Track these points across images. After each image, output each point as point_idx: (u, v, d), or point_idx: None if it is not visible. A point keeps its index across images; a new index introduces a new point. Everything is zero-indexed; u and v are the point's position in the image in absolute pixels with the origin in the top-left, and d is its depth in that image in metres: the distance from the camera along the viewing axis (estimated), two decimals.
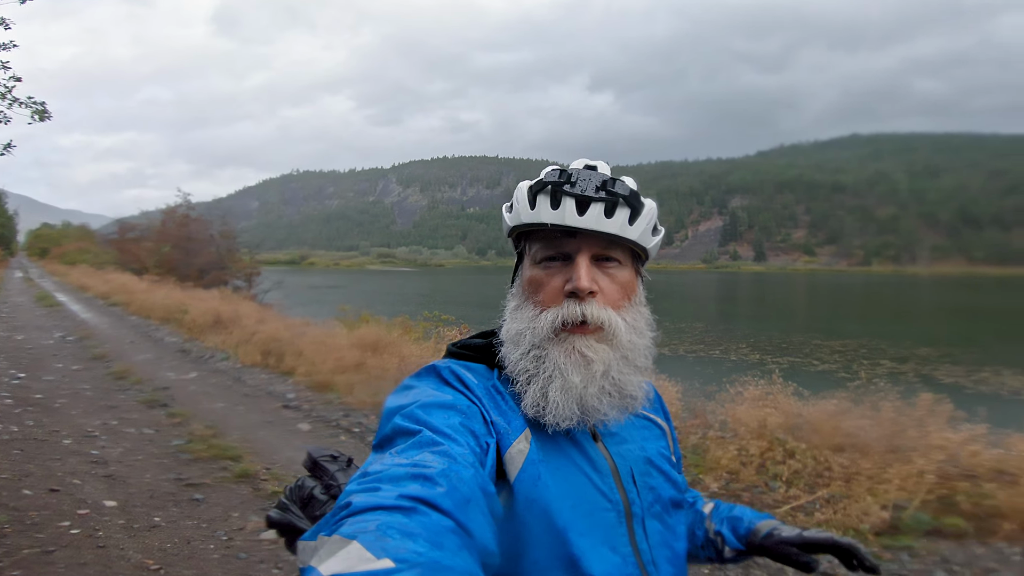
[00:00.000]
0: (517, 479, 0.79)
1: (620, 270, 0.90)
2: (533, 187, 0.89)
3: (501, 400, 0.86)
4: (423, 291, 49.15)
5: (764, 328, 23.85)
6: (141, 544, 3.02)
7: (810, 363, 14.66)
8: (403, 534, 0.56)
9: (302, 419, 5.67)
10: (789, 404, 4.53)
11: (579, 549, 0.80)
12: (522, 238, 0.95)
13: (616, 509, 0.86)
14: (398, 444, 0.72)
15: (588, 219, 0.85)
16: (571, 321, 0.84)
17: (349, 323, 10.67)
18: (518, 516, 0.79)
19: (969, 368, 13.51)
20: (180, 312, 12.39)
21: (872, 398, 4.44)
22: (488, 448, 0.77)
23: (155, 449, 4.56)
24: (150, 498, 3.62)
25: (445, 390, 0.83)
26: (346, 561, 0.52)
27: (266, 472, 4.13)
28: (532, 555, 0.79)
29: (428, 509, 0.60)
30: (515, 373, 0.87)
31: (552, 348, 0.85)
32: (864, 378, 4.90)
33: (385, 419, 0.79)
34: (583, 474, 0.85)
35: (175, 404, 5.96)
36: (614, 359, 0.86)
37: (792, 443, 4.13)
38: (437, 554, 0.55)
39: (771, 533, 1.01)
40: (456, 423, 0.76)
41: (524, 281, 0.92)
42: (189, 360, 8.66)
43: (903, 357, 15.36)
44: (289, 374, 7.49)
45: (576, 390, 0.83)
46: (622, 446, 0.92)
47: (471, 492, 0.66)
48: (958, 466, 3.83)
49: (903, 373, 12.54)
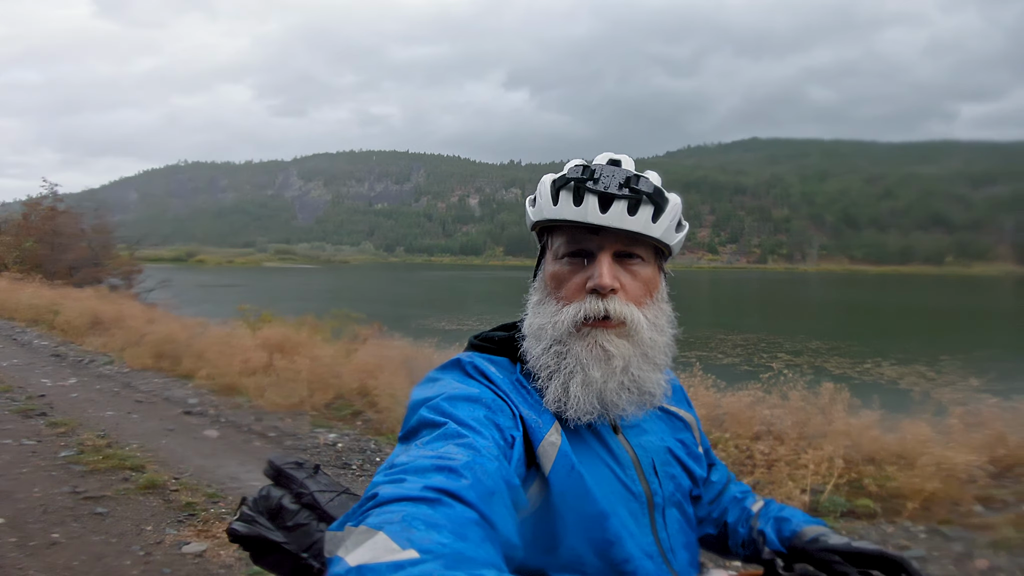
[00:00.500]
0: (552, 471, 0.82)
1: (643, 267, 0.92)
2: (556, 182, 0.91)
3: (527, 394, 0.88)
4: (328, 288, 47.53)
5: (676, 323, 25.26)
6: (43, 563, 2.84)
7: (715, 357, 15.74)
8: (428, 525, 0.58)
9: (208, 425, 5.42)
10: (709, 396, 4.86)
11: (613, 535, 0.84)
12: (544, 233, 0.97)
13: (639, 500, 0.90)
14: (423, 436, 0.75)
15: (611, 217, 0.87)
16: (593, 316, 0.87)
17: (251, 323, 10.21)
18: (553, 507, 0.82)
19: (854, 360, 15.01)
20: (51, 313, 11.33)
21: (782, 388, 4.85)
22: (514, 441, 0.80)
23: (41, 461, 4.22)
24: (44, 513, 3.38)
25: (470, 383, 0.85)
26: (372, 551, 0.55)
27: (175, 482, 3.95)
28: (568, 543, 0.83)
29: (453, 501, 0.62)
30: (537, 368, 0.89)
31: (573, 343, 0.88)
32: (776, 369, 5.31)
33: (411, 411, 0.81)
34: (606, 467, 0.89)
35: (55, 413, 5.50)
36: (634, 355, 0.88)
37: (716, 433, 4.41)
38: (461, 545, 0.57)
39: (817, 538, 0.98)
40: (481, 416, 0.79)
41: (546, 276, 0.94)
42: (66, 365, 7.94)
43: (797, 350, 16.83)
44: (188, 378, 7.09)
45: (596, 385, 0.86)
46: (642, 437, 0.96)
47: (495, 485, 0.68)
48: (860, 451, 4.17)
49: (798, 365, 13.82)
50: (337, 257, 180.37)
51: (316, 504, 1.19)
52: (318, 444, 4.94)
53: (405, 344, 8.24)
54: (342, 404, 6.13)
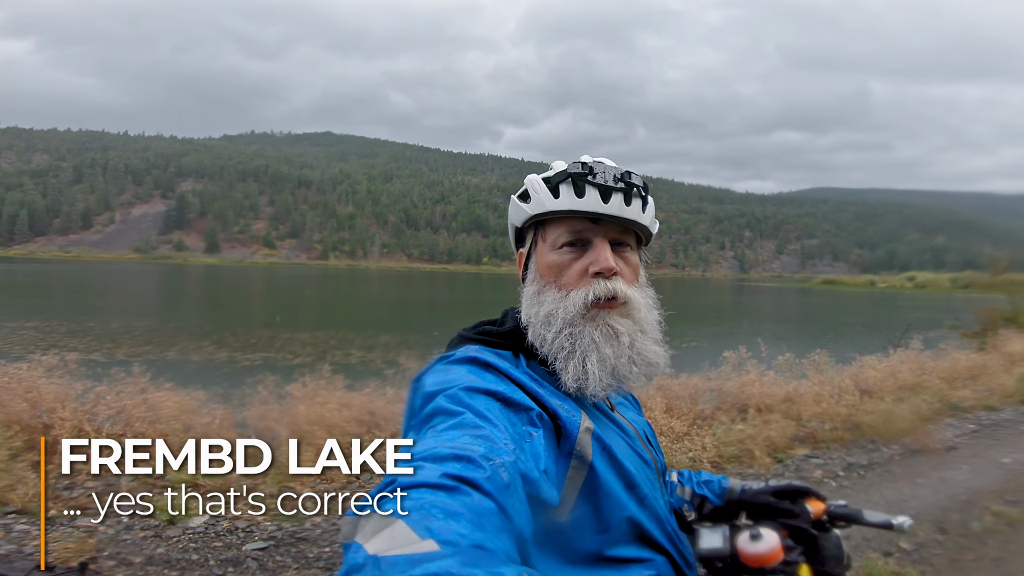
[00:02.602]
0: (594, 456, 0.93)
1: (631, 254, 1.09)
2: (553, 178, 1.06)
3: (543, 385, 0.98)
4: None
5: (226, 324, 23.90)
6: None
7: (285, 357, 15.52)
8: (446, 514, 0.62)
9: None
10: (356, 397, 4.89)
11: (641, 500, 0.98)
12: (534, 227, 1.11)
13: (651, 467, 1.08)
14: (438, 424, 0.81)
15: (611, 207, 1.03)
16: (603, 296, 1.01)
17: None
18: (601, 488, 0.93)
19: (422, 351, 17.11)
20: None
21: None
22: (532, 436, 0.85)
23: None
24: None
25: (486, 376, 0.93)
26: (391, 540, 0.59)
27: None
28: (617, 517, 0.94)
29: (471, 489, 0.67)
30: (551, 352, 1.01)
31: (584, 325, 1.01)
32: (403, 365, 5.76)
33: (423, 399, 0.89)
34: (623, 440, 1.04)
35: None
36: (636, 331, 1.04)
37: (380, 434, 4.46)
38: (479, 536, 0.61)
39: (744, 489, 1.29)
40: (496, 409, 0.85)
41: (542, 266, 1.08)
42: None
43: (370, 345, 18.13)
44: None
45: (610, 361, 1.00)
46: (629, 413, 1.16)
47: (512, 477, 0.73)
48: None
49: (373, 360, 14.85)
50: None
51: None
52: None
53: None
54: None
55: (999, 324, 14.00)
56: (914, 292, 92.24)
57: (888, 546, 3.65)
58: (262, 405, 5.10)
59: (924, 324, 17.91)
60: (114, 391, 4.90)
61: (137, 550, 3.20)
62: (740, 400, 6.49)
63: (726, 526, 1.22)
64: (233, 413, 5.10)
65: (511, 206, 1.14)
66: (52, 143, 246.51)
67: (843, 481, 4.95)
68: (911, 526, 1.25)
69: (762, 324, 32.69)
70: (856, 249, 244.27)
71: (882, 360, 8.40)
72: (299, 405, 4.97)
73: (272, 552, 3.37)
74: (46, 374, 5.02)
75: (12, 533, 3.46)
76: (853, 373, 7.54)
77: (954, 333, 14.83)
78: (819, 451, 5.54)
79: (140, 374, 5.13)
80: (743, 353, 6.86)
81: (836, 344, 16.20)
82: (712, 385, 6.77)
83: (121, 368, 5.42)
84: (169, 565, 3.12)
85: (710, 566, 1.19)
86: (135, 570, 3.03)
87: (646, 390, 4.77)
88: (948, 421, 6.80)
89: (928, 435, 5.92)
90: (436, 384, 0.90)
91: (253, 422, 5.03)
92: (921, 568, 3.52)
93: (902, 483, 4.91)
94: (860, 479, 5.00)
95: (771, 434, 5.46)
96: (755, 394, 6.43)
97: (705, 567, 1.19)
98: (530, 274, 1.10)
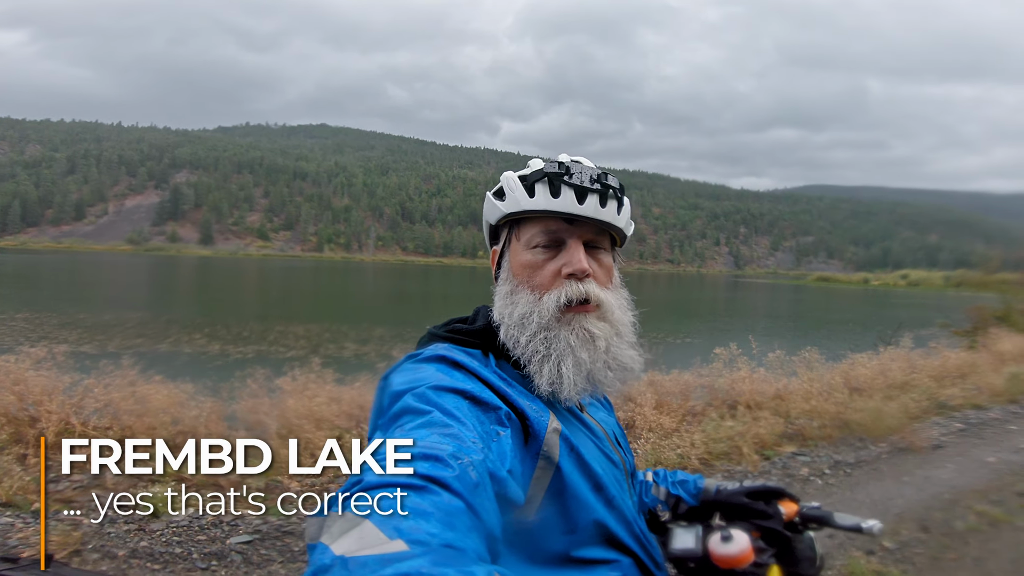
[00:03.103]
0: (561, 457, 0.93)
1: (605, 255, 1.08)
2: (529, 177, 1.05)
3: (512, 384, 0.97)
4: None
5: (218, 316, 23.86)
6: None
7: (278, 351, 15.49)
8: (416, 513, 0.62)
9: None
10: (347, 392, 4.93)
11: (609, 501, 0.98)
12: (509, 226, 1.10)
13: (619, 468, 1.07)
14: (406, 423, 0.80)
15: (587, 208, 1.02)
16: (576, 299, 1.01)
17: None
18: (567, 489, 0.92)
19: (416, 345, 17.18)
20: None
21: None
22: (499, 436, 0.84)
23: None
24: None
25: (454, 375, 0.92)
26: (359, 541, 0.58)
27: None
28: (584, 519, 0.94)
29: (440, 489, 0.66)
30: (525, 355, 1.01)
31: (560, 329, 1.00)
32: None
33: (391, 397, 0.88)
34: (592, 441, 1.03)
35: None
36: (612, 334, 1.04)
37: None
38: (450, 535, 0.61)
39: (719, 489, 1.29)
40: (465, 407, 0.84)
41: (516, 265, 1.07)
42: None
43: (364, 339, 18.11)
44: None
45: (586, 366, 0.99)
46: (600, 413, 1.16)
47: (480, 476, 0.72)
48: None
49: (367, 354, 14.82)
50: None
51: None
52: None
53: None
54: None
55: (990, 323, 14.08)
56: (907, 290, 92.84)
57: (871, 544, 3.67)
58: (252, 399, 5.09)
59: (916, 322, 18.00)
60: (102, 384, 4.88)
61: (121, 543, 3.20)
62: (731, 397, 6.53)
63: (699, 526, 1.23)
64: (223, 406, 5.09)
65: (486, 203, 1.13)
66: (45, 134, 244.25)
67: (829, 479, 4.98)
68: (880, 530, 1.25)
69: (755, 320, 32.85)
70: (851, 247, 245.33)
71: (873, 358, 8.44)
72: (288, 399, 4.96)
73: (257, 545, 3.37)
74: (34, 366, 5.00)
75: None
76: (843, 371, 7.59)
77: (945, 331, 14.89)
78: (807, 448, 5.57)
79: (129, 367, 5.11)
80: (734, 350, 6.88)
81: (828, 341, 16.30)
82: (704, 381, 6.81)
83: (110, 361, 5.40)
84: (152, 559, 3.13)
85: (682, 566, 1.20)
86: (119, 563, 3.04)
87: (626, 390, 4.84)
88: (936, 420, 6.84)
89: (915, 433, 5.95)
90: (404, 383, 0.89)
91: (243, 416, 5.02)
92: (903, 567, 3.55)
93: (888, 481, 4.94)
94: (846, 477, 5.03)
95: (760, 431, 5.49)
96: (745, 391, 6.47)
97: (677, 567, 1.20)
98: (503, 273, 1.10)
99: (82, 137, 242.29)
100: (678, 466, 4.63)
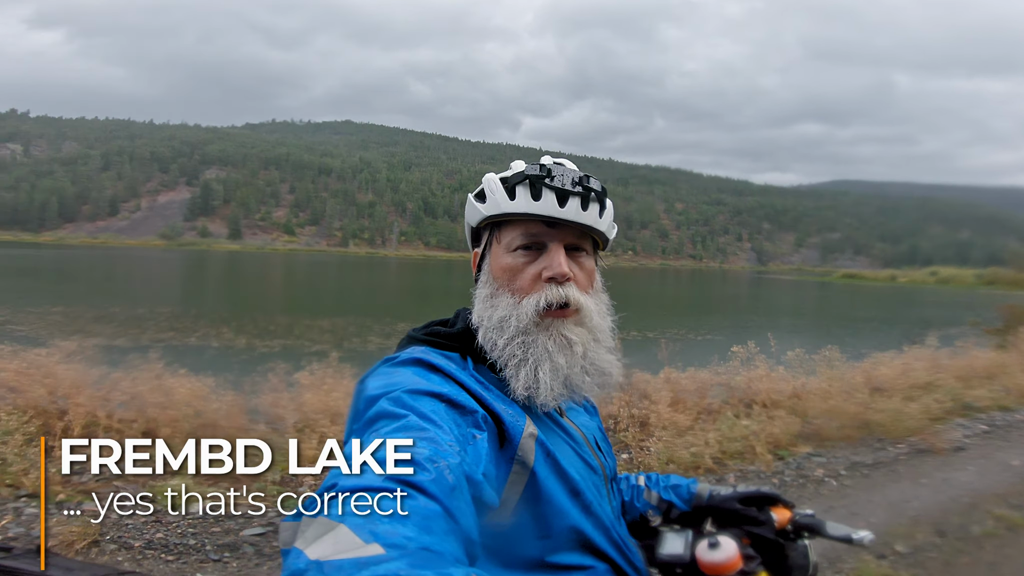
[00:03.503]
0: (536, 462, 0.92)
1: (587, 259, 1.07)
2: (510, 179, 1.04)
3: (489, 388, 0.97)
4: None
5: (246, 311, 24.23)
6: None
7: (303, 344, 15.69)
8: (392, 518, 0.61)
9: None
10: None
11: (586, 506, 0.97)
12: (490, 228, 1.09)
13: (597, 473, 1.06)
14: (381, 428, 0.80)
15: (568, 211, 1.01)
16: (555, 303, 1.00)
17: None
18: (541, 494, 0.92)
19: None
20: None
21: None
22: (476, 439, 0.84)
23: None
24: None
25: (430, 378, 0.92)
26: (334, 545, 0.57)
27: None
28: (559, 524, 0.93)
29: (416, 493, 0.66)
30: (502, 359, 1.00)
31: (538, 334, 0.99)
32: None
33: (366, 402, 0.87)
34: (568, 445, 1.03)
35: None
36: (589, 340, 1.03)
37: None
38: (427, 539, 0.60)
39: (712, 494, 1.27)
40: (441, 410, 0.84)
41: (496, 268, 1.06)
42: None
43: (388, 333, 18.26)
44: None
45: (563, 371, 0.99)
46: (582, 418, 1.14)
47: (457, 479, 0.72)
48: None
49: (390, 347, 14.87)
50: None
51: None
52: None
53: None
54: None
55: (1022, 321, 13.68)
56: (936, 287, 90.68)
57: (882, 548, 3.62)
58: (272, 393, 5.17)
59: (944, 320, 17.60)
60: (130, 377, 5.00)
61: (138, 534, 3.28)
62: (747, 395, 6.45)
63: (690, 532, 1.21)
64: (244, 400, 5.18)
65: (467, 205, 1.12)
66: (81, 131, 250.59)
67: (845, 480, 4.90)
68: (872, 541, 1.21)
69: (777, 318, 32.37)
70: (878, 243, 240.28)
71: (897, 357, 8.26)
72: (306, 393, 5.03)
73: (270, 538, 3.43)
74: (65, 360, 5.16)
75: (22, 516, 3.58)
76: (865, 370, 7.44)
77: (975, 330, 14.52)
78: (823, 449, 5.48)
79: (157, 360, 5.22)
80: (752, 348, 6.79)
81: (852, 340, 16.01)
82: (721, 379, 6.73)
83: (139, 354, 5.53)
84: (167, 550, 3.20)
85: (670, 571, 1.18)
86: (134, 554, 3.12)
87: (603, 394, 4.81)
88: (959, 421, 6.68)
89: (937, 435, 5.83)
90: (379, 387, 0.88)
91: (264, 409, 5.10)
92: (914, 571, 3.48)
93: (905, 483, 4.85)
94: (863, 478, 4.95)
95: (775, 431, 5.42)
96: (762, 390, 6.39)
97: (664, 573, 1.18)
98: (483, 275, 1.09)
99: (116, 134, 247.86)
100: (691, 465, 4.61)
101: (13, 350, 6.26)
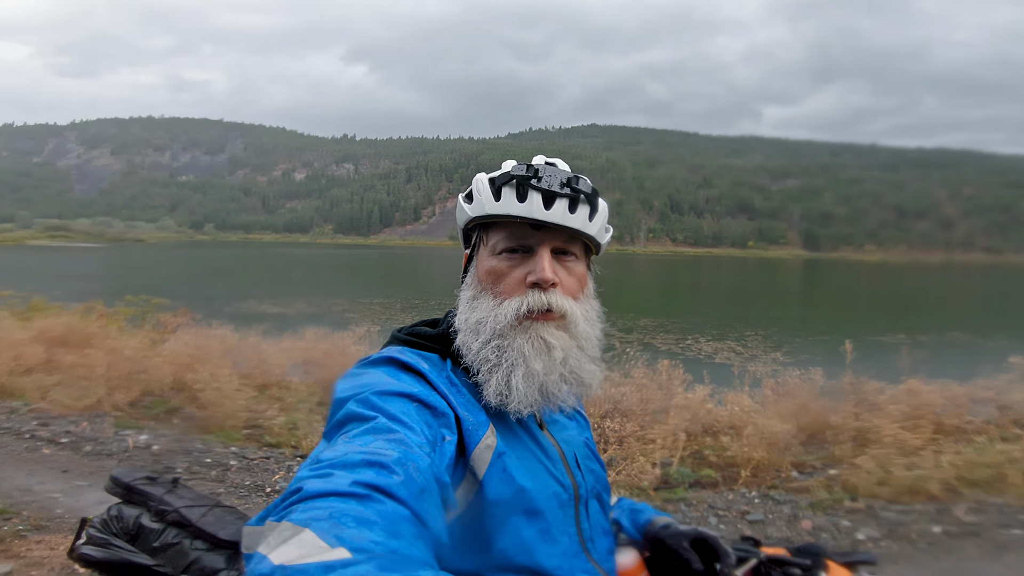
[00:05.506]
0: (487, 474, 0.86)
1: (576, 264, 1.00)
2: (497, 180, 0.97)
3: (460, 392, 0.92)
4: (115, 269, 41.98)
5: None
6: None
7: None
8: (359, 522, 0.57)
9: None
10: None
11: (542, 530, 0.89)
12: (477, 229, 1.02)
13: (568, 492, 0.96)
14: (351, 430, 0.75)
15: (554, 213, 0.93)
16: (536, 309, 0.93)
17: (19, 312, 8.90)
18: (486, 508, 0.86)
19: (677, 336, 16.45)
20: None
21: (624, 367, 5.37)
22: (446, 440, 0.82)
23: None
24: None
25: (402, 378, 0.87)
26: (299, 550, 0.53)
27: None
28: (500, 543, 0.86)
29: (384, 497, 0.62)
30: (476, 363, 0.93)
31: (515, 337, 0.92)
32: (618, 348, 5.93)
33: (336, 405, 0.83)
34: (538, 461, 0.94)
35: None
36: (572, 347, 0.95)
37: None
38: (395, 543, 0.57)
39: (668, 526, 1.12)
40: (412, 411, 0.80)
41: (482, 271, 0.99)
42: None
43: (628, 327, 18.52)
44: None
45: (538, 377, 0.91)
46: (564, 432, 1.04)
47: (427, 482, 0.69)
48: (699, 423, 4.67)
49: (630, 342, 15.05)
50: (129, 235, 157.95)
51: (186, 521, 1.17)
52: (127, 448, 4.54)
53: (226, 332, 7.75)
54: (154, 401, 5.65)
55: None
56: None
57: None
58: None
59: None
60: None
61: None
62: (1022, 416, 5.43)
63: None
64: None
65: (457, 206, 1.06)
66: (391, 150, 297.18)
67: None
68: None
69: None
70: None
71: None
72: None
73: None
74: (356, 341, 6.54)
75: (290, 474, 4.10)
76: None
77: None
78: None
79: None
80: None
81: None
82: (990, 395, 5.72)
83: None
84: None
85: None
86: None
87: (578, 403, 4.43)
88: None
89: None
90: (348, 389, 0.84)
91: None
92: None
93: None
94: None
95: None
96: None
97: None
98: (469, 277, 1.02)
99: (414, 150, 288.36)
100: (910, 486, 4.13)
101: (324, 333, 7.95)
